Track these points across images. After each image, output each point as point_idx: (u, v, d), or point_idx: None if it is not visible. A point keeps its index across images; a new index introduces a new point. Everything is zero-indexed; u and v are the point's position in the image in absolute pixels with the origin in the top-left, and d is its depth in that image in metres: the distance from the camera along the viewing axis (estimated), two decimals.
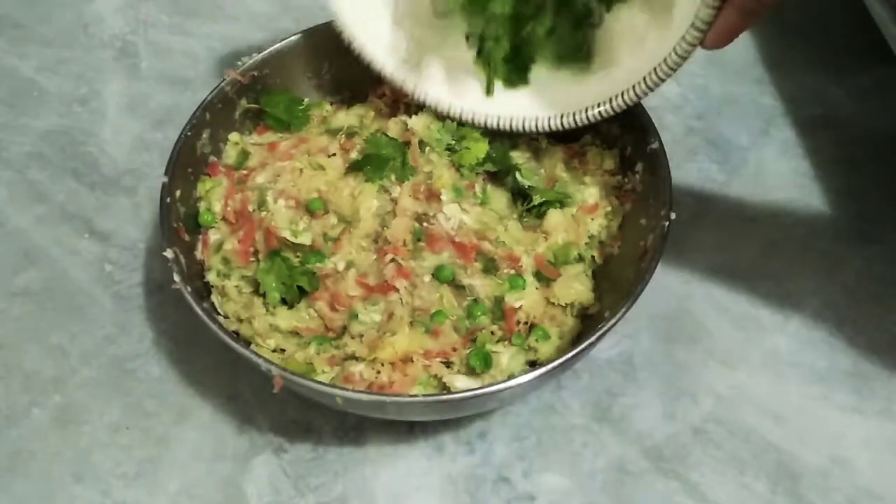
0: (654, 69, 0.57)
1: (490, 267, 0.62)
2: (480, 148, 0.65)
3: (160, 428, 0.65)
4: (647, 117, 0.65)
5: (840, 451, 0.63)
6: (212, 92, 0.68)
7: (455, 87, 0.65)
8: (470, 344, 0.61)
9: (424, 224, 0.63)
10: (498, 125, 0.64)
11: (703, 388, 0.66)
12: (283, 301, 0.63)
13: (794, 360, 0.67)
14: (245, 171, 0.69)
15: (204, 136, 0.67)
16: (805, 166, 0.78)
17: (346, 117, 0.72)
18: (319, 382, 0.55)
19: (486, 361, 0.59)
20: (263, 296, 0.63)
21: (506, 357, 0.60)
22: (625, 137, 0.68)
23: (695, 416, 0.64)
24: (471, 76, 0.65)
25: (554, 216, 0.65)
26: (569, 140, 0.70)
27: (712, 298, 0.70)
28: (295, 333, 0.63)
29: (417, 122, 0.66)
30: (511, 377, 0.54)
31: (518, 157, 0.67)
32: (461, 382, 0.59)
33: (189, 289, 0.58)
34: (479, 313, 0.61)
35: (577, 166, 0.68)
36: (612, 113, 0.61)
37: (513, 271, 0.62)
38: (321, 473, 0.63)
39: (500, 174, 0.66)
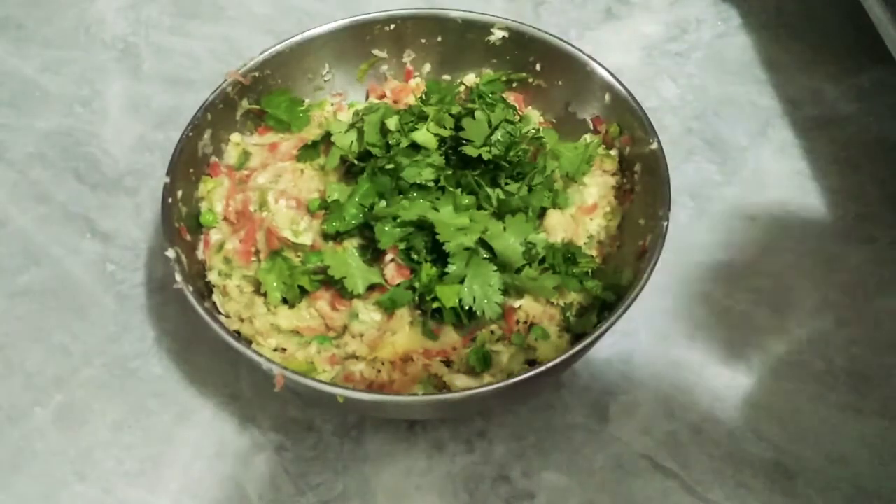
0: None
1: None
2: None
3: (162, 427, 0.65)
4: (646, 118, 0.65)
5: (838, 450, 0.63)
6: (213, 93, 0.68)
7: None
8: (470, 343, 0.61)
9: None
10: None
11: (701, 387, 0.66)
12: (284, 300, 0.63)
13: (793, 359, 0.67)
14: (246, 172, 0.69)
15: (205, 136, 0.68)
16: (803, 166, 0.79)
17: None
18: (320, 381, 0.55)
19: (486, 361, 0.60)
20: (264, 295, 0.63)
21: (505, 356, 0.60)
22: (624, 138, 0.68)
23: (693, 414, 0.65)
24: None
25: (553, 216, 0.65)
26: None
27: (711, 298, 0.71)
28: (296, 333, 0.63)
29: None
30: (510, 376, 0.54)
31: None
32: (461, 381, 0.59)
33: (191, 288, 0.58)
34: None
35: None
36: None
37: None
38: (322, 472, 0.63)
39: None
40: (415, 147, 0.65)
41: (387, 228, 0.61)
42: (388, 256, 0.62)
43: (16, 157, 0.81)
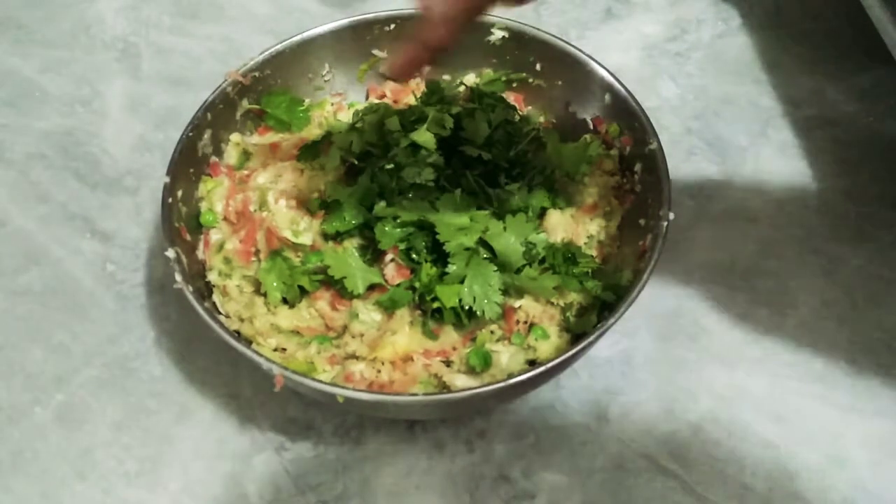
0: None
1: None
2: None
3: (162, 427, 0.65)
4: (646, 118, 0.65)
5: (838, 451, 0.63)
6: (213, 93, 0.68)
7: None
8: (470, 343, 0.62)
9: None
10: None
11: (701, 387, 0.66)
12: (284, 300, 0.63)
13: (792, 359, 0.67)
14: (246, 172, 0.69)
15: (205, 136, 0.68)
16: (803, 166, 0.79)
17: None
18: (320, 381, 0.55)
19: (486, 360, 0.60)
20: (264, 295, 0.63)
21: (505, 356, 0.60)
22: (624, 138, 0.68)
23: (693, 414, 0.65)
24: None
25: (553, 216, 0.65)
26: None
27: (711, 298, 0.70)
28: (296, 333, 0.63)
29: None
30: (510, 376, 0.54)
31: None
32: (461, 381, 0.59)
33: (191, 288, 0.58)
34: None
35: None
36: None
37: None
38: (322, 472, 0.63)
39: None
40: (415, 147, 0.65)
41: (387, 229, 0.61)
42: (388, 256, 0.62)
43: (16, 157, 0.81)
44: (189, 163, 0.66)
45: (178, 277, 0.59)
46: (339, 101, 0.75)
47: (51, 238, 0.76)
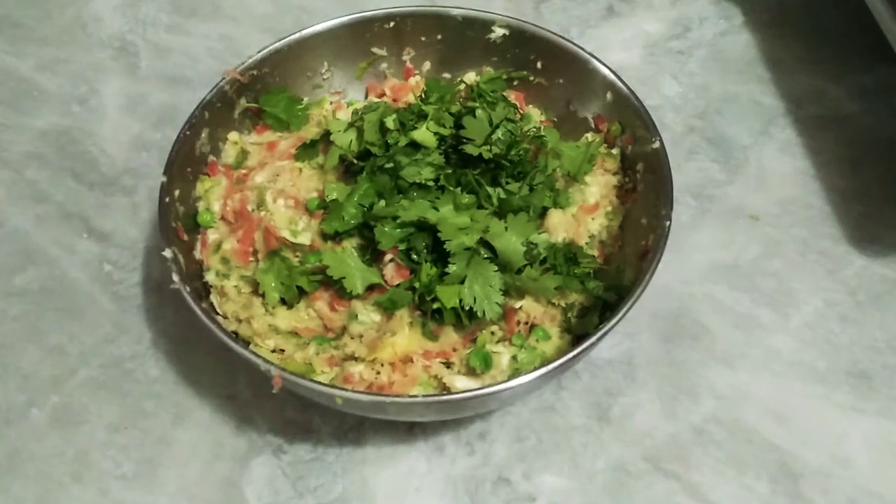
0: None
1: None
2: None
3: (159, 428, 0.65)
4: (648, 116, 0.65)
5: (840, 451, 0.62)
6: (211, 91, 0.67)
7: None
8: (470, 344, 0.61)
9: None
10: None
11: (703, 388, 0.66)
12: (283, 301, 0.63)
13: (795, 359, 0.67)
14: (244, 171, 0.69)
15: (203, 135, 0.67)
16: (806, 165, 0.78)
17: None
18: (319, 383, 0.55)
19: (487, 362, 0.59)
20: (262, 296, 0.63)
21: (506, 357, 0.60)
22: (626, 137, 0.68)
23: (695, 415, 0.64)
24: None
25: (554, 216, 0.65)
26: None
27: (713, 298, 0.70)
28: (294, 333, 0.62)
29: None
30: (511, 378, 0.54)
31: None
32: (461, 383, 0.59)
33: (188, 289, 0.58)
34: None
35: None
36: None
37: None
38: (320, 474, 0.63)
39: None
40: (414, 146, 0.64)
41: (387, 229, 0.61)
42: (388, 256, 0.62)
43: (12, 157, 0.81)
44: (186, 162, 0.66)
45: (175, 278, 0.58)
46: (337, 100, 0.75)
47: (47, 238, 0.75)
